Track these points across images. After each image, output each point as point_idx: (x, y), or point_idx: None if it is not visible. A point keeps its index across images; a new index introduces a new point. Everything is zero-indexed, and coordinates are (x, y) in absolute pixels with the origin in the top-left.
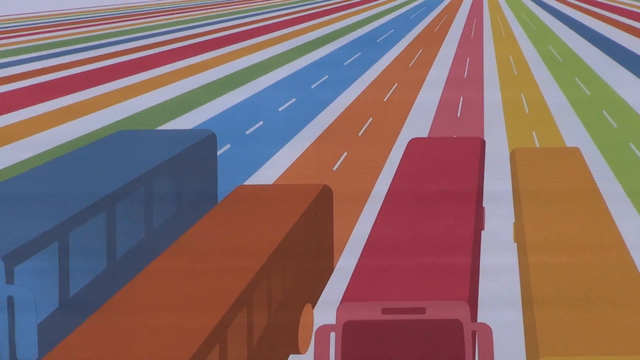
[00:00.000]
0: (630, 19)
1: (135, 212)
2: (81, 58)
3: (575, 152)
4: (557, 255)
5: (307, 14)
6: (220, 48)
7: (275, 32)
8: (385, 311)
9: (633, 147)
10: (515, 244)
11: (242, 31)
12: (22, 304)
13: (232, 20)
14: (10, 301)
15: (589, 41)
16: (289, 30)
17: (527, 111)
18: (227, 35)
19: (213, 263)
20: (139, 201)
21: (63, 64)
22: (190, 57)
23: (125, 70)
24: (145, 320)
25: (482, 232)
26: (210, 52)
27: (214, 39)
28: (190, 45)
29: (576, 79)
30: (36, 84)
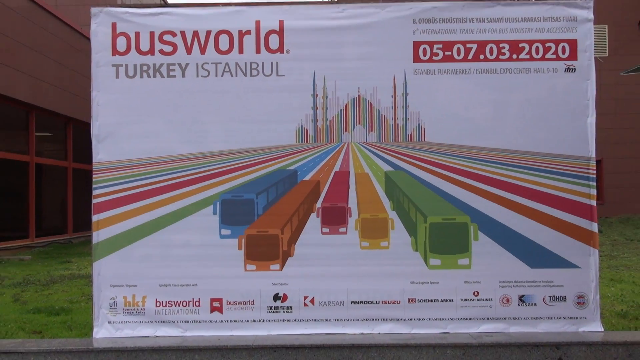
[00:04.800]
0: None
1: (276, 188)
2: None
3: (368, 176)
4: (368, 204)
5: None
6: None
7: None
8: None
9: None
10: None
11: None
12: (259, 204)
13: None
14: (256, 203)
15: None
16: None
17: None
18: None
19: (293, 196)
20: (277, 186)
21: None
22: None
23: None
24: (277, 209)
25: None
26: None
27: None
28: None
29: (372, 166)
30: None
